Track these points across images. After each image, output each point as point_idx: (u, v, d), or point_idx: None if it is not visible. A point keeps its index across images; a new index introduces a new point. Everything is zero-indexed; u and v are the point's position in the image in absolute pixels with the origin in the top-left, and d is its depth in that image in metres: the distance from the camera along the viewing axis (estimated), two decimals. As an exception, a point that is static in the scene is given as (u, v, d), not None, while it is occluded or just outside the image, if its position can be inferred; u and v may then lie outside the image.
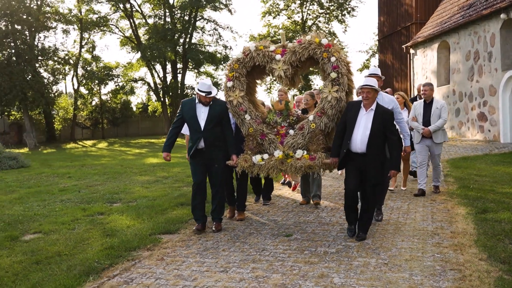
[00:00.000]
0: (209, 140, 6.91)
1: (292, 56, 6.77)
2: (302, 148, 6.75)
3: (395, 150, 6.26)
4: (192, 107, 6.98)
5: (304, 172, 6.75)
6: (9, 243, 6.64)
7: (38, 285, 5.02)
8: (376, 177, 6.29)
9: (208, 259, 5.80)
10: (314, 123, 6.72)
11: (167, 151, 7.14)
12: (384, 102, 6.94)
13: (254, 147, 6.98)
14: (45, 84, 33.71)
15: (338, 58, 6.54)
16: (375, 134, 6.13)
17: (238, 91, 7.06)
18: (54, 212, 8.57)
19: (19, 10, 33.45)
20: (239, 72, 7.06)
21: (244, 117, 7.03)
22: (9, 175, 14.92)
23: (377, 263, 5.49)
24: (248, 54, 7.03)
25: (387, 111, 6.29)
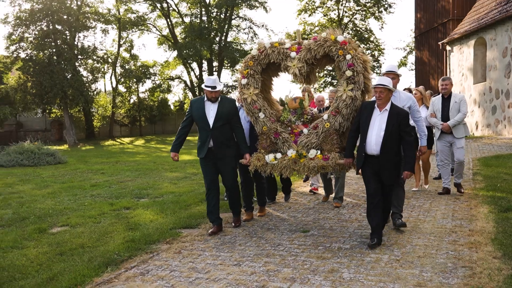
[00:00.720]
0: (218, 138, 6.78)
1: (307, 54, 6.60)
2: (316, 148, 6.61)
3: (410, 151, 6.06)
4: (201, 105, 6.86)
5: (317, 172, 6.60)
6: (37, 235, 6.93)
7: (59, 275, 5.26)
8: (391, 178, 6.08)
9: (223, 253, 5.95)
10: (328, 122, 6.56)
11: (175, 151, 7.02)
12: (401, 100, 6.81)
13: (267, 145, 6.88)
14: (84, 83, 34.48)
15: (354, 56, 6.34)
16: (390, 136, 5.95)
17: (252, 88, 6.96)
18: (83, 207, 8.87)
19: (60, 11, 34.30)
20: (254, 69, 6.96)
21: (258, 115, 6.92)
22: (46, 170, 15.42)
23: (389, 260, 5.53)
24: (263, 51, 6.91)
25: (401, 112, 6.07)
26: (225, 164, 6.88)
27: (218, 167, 6.92)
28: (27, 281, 5.12)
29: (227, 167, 6.90)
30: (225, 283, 4.92)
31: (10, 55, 34.02)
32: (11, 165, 16.94)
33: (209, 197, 6.95)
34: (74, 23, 34.51)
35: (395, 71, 6.90)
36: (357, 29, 46.30)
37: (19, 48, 33.88)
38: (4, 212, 8.46)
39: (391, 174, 6.07)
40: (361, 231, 6.77)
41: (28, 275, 5.32)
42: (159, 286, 4.89)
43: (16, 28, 33.43)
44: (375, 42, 46.66)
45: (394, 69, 6.94)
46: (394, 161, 6.05)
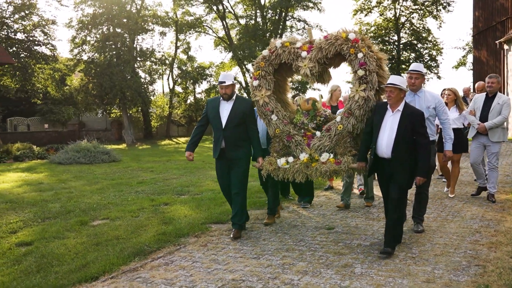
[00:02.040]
0: (231, 139, 6.63)
1: (318, 53, 6.31)
2: (329, 151, 6.36)
3: (423, 154, 5.67)
4: (216, 104, 6.74)
5: (329, 177, 6.35)
6: (79, 227, 7.42)
7: (91, 263, 5.68)
8: (402, 180, 5.72)
9: (246, 247, 6.23)
10: (341, 124, 6.28)
11: (190, 150, 6.91)
12: (426, 100, 6.57)
13: (280, 149, 6.68)
14: (142, 84, 35.55)
15: (366, 54, 6.00)
16: (402, 138, 5.64)
17: (264, 90, 6.76)
18: (125, 202, 9.36)
19: (120, 15, 35.52)
20: (265, 70, 6.76)
21: (271, 117, 6.71)
22: (99, 168, 16.15)
23: (404, 257, 5.65)
24: (274, 51, 6.70)
25: (416, 112, 5.74)
26: (236, 166, 6.70)
27: (230, 169, 6.78)
28: (61, 268, 5.56)
29: (237, 169, 6.69)
30: (241, 274, 5.20)
31: (73, 58, 35.53)
32: (68, 162, 17.82)
33: (227, 197, 6.99)
34: (133, 26, 35.63)
35: (419, 71, 6.64)
36: (415, 28, 45.55)
37: (82, 51, 35.31)
38: (53, 205, 9.05)
39: (403, 178, 5.71)
40: (385, 229, 6.89)
41: (64, 263, 5.76)
42: (179, 275, 5.22)
43: (79, 31, 34.84)
44: (433, 42, 45.75)
45: (418, 68, 6.68)
46: (406, 165, 5.70)
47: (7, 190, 11.00)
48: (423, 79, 6.74)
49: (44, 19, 34.02)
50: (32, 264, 5.76)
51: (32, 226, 7.59)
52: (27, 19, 33.26)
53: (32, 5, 33.01)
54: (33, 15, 33.34)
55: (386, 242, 5.76)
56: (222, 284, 4.91)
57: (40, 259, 5.92)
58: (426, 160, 5.71)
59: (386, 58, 6.25)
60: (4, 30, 32.72)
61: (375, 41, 43.54)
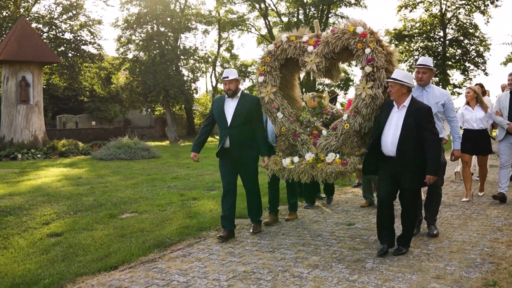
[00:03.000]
0: (236, 138, 6.41)
1: (325, 48, 6.03)
2: (336, 151, 6.08)
3: (432, 152, 5.38)
4: (221, 102, 6.58)
5: (335, 178, 6.06)
6: (107, 220, 7.71)
7: (113, 253, 5.92)
8: (410, 181, 5.50)
9: (264, 241, 6.36)
10: (348, 123, 5.99)
11: (195, 150, 6.72)
12: (434, 96, 6.28)
13: (285, 148, 6.45)
14: (185, 82, 36.09)
15: (374, 49, 5.70)
16: (407, 134, 5.39)
17: (270, 86, 6.50)
18: (156, 196, 9.63)
19: (164, 14, 36.18)
20: (271, 65, 6.51)
21: (276, 115, 6.48)
22: (138, 164, 16.57)
23: (419, 253, 5.67)
24: (280, 45, 6.45)
25: (421, 107, 5.48)
26: (244, 166, 6.55)
27: (238, 169, 6.61)
28: (85, 257, 5.82)
29: (246, 168, 6.57)
30: (253, 266, 5.33)
31: (119, 57, 36.43)
32: (109, 158, 18.34)
33: (224, 200, 6.56)
34: (177, 25, 36.23)
35: (426, 65, 6.30)
36: (461, 24, 44.47)
37: (127, 50, 36.15)
38: (87, 199, 9.40)
39: (410, 177, 5.48)
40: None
41: (88, 253, 6.03)
42: (194, 266, 5.39)
43: (124, 31, 35.69)
44: (480, 37, 44.57)
45: (426, 62, 6.34)
46: (414, 164, 5.44)
47: (47, 184, 11.47)
48: (431, 73, 6.38)
49: (90, 19, 34.95)
50: (59, 253, 6.05)
51: (64, 218, 7.93)
52: (74, 19, 34.25)
53: (79, 5, 33.97)
54: (80, 15, 34.31)
55: (398, 241, 5.75)
56: (232, 276, 5.05)
57: (67, 249, 6.20)
58: (434, 157, 5.41)
59: (397, 53, 6.00)
60: (52, 30, 33.81)
61: (420, 38, 42.82)
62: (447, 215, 7.54)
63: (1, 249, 6.43)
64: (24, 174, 13.75)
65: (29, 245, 6.53)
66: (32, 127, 21.77)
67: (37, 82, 22.10)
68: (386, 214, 5.65)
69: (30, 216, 8.02)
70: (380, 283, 4.76)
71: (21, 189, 10.59)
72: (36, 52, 21.82)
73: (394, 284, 4.71)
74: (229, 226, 6.53)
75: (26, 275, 5.28)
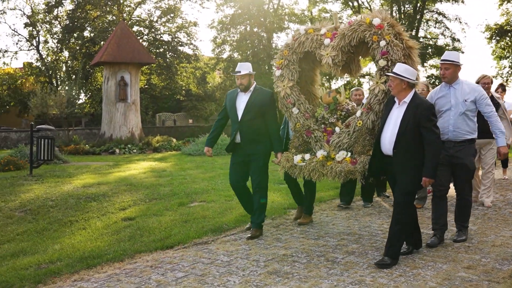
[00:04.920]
0: (247, 133, 6.28)
1: (341, 41, 5.79)
2: (348, 149, 5.86)
3: (430, 152, 5.09)
4: (234, 96, 6.47)
5: (345, 178, 5.74)
6: (177, 207, 8.37)
7: (173, 235, 6.52)
8: (407, 184, 5.16)
9: (312, 229, 6.71)
10: (360, 120, 5.74)
11: (209, 145, 6.67)
12: (462, 93, 5.86)
13: (299, 145, 6.27)
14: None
15: (390, 42, 5.43)
16: (405, 132, 5.09)
17: (287, 80, 6.32)
18: (227, 188, 10.13)
19: (258, 15, 37.09)
20: (289, 59, 6.32)
21: (292, 110, 6.29)
22: (222, 159, 17.26)
23: (460, 246, 5.79)
24: (297, 38, 6.26)
25: (422, 104, 5.16)
26: (254, 161, 6.37)
27: (247, 165, 6.47)
28: (148, 238, 6.48)
29: (254, 164, 6.37)
30: (293, 250, 5.72)
31: (214, 57, 37.81)
32: (197, 154, 19.26)
33: (239, 198, 6.73)
34: (270, 25, 36.98)
35: (451, 60, 5.89)
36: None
37: (222, 50, 37.45)
38: (164, 189, 10.15)
39: (406, 180, 5.16)
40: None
41: (152, 234, 6.68)
42: (240, 249, 5.86)
43: (219, 32, 37.00)
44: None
45: (451, 57, 5.91)
46: (411, 165, 5.13)
47: (132, 176, 12.44)
48: (456, 69, 5.91)
49: (187, 21, 36.58)
50: (127, 234, 6.76)
51: (140, 205, 8.70)
52: (172, 22, 36.02)
53: (176, 8, 35.69)
54: (177, 18, 36.01)
55: (385, 251, 5.27)
56: (272, 258, 5.47)
57: (135, 231, 6.90)
58: (432, 159, 5.09)
59: (417, 47, 5.65)
60: (152, 33, 35.75)
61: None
62: (506, 212, 7.48)
63: (81, 229, 7.26)
64: (116, 166, 14.90)
65: (104, 226, 7.31)
66: (129, 124, 23.29)
67: (134, 82, 23.59)
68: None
69: (110, 202, 8.87)
70: (408, 269, 4.99)
71: (109, 179, 11.59)
72: (134, 54, 23.32)
73: (421, 271, 4.92)
74: None
75: (95, 250, 6.00)
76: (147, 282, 4.84)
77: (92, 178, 11.80)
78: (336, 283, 4.65)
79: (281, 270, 5.05)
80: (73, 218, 7.91)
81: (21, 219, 8.05)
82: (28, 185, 10.70)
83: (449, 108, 5.87)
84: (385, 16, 5.68)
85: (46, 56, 37.60)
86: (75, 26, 35.31)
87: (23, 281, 4.99)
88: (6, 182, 11.07)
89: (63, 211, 8.39)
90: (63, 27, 35.82)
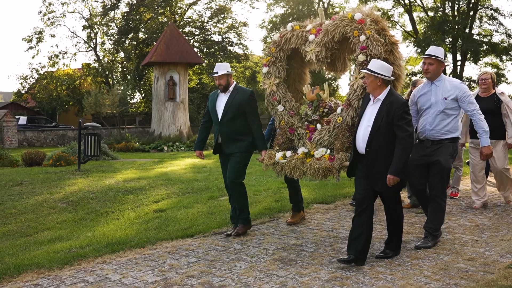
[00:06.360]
0: (227, 133, 6.30)
1: (324, 37, 5.71)
2: (329, 146, 5.77)
3: (398, 150, 4.95)
4: (214, 97, 6.46)
5: (323, 175, 5.68)
6: (206, 200, 8.78)
7: (196, 225, 6.92)
8: (381, 185, 5.08)
9: (329, 223, 6.98)
10: (341, 116, 5.65)
11: (198, 148, 6.73)
12: (443, 91, 5.69)
13: (283, 142, 6.23)
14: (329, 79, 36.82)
15: (370, 37, 5.34)
16: (378, 130, 5.00)
17: (273, 77, 6.28)
18: (259, 183, 10.55)
19: (308, 14, 37.26)
20: (276, 56, 6.28)
21: (277, 108, 6.29)
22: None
23: (468, 240, 5.91)
24: (284, 35, 6.22)
25: (396, 101, 5.01)
26: (232, 159, 6.33)
27: None
28: (173, 228, 6.91)
29: (233, 162, 6.31)
30: (303, 241, 6.02)
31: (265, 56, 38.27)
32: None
33: (230, 200, 6.66)
34: (320, 24, 37.08)
35: (434, 56, 5.71)
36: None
37: (272, 49, 37.86)
38: (198, 183, 10.58)
39: (382, 179, 5.06)
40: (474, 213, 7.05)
41: (177, 224, 7.11)
42: (255, 238, 6.21)
43: (270, 31, 37.44)
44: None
45: (434, 53, 5.73)
46: (385, 164, 5.02)
47: (173, 171, 12.97)
48: (440, 65, 5.74)
49: (237, 21, 37.17)
50: (155, 224, 7.22)
51: (172, 198, 9.17)
52: (222, 23, 36.70)
53: (227, 9, 36.34)
54: (227, 18, 36.66)
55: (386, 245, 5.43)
56: (281, 247, 5.79)
57: (162, 221, 7.35)
58: (400, 157, 4.95)
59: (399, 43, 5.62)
60: (203, 33, 36.56)
61: None
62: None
63: (114, 219, 7.80)
64: (160, 163, 15.50)
65: (136, 217, 7.82)
66: (177, 122, 24.03)
67: (183, 81, 24.32)
68: (363, 215, 5.16)
69: (145, 195, 9.39)
70: (408, 260, 5.20)
71: (149, 175, 12.16)
72: (182, 54, 24.04)
73: (420, 262, 5.12)
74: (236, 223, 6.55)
75: (122, 238, 6.48)
76: (161, 265, 5.26)
77: (134, 173, 12.40)
78: (335, 270, 4.92)
79: (287, 258, 5.37)
80: (109, 209, 8.47)
81: (62, 209, 8.68)
82: (74, 179, 11.39)
83: (429, 106, 5.74)
84: (369, 12, 5.67)
85: (103, 57, 39.09)
86: (130, 28, 36.56)
87: (52, 262, 5.49)
88: (55, 176, 11.81)
89: (101, 202, 8.97)
90: (119, 29, 37.14)
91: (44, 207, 8.84)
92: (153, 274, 4.98)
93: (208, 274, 4.95)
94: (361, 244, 5.05)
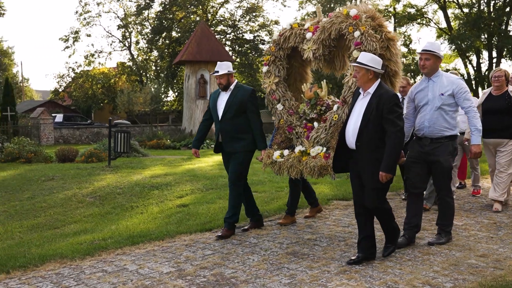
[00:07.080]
0: (227, 131, 6.28)
1: (321, 34, 5.71)
2: (325, 144, 5.79)
3: (389, 145, 4.83)
4: (216, 96, 6.43)
5: (319, 174, 5.73)
6: (224, 197, 8.96)
7: (215, 220, 7.07)
8: (373, 180, 4.92)
9: (347, 219, 7.04)
10: (337, 114, 5.69)
11: (195, 147, 6.69)
12: (440, 86, 5.56)
13: (281, 141, 6.30)
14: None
15: (365, 33, 5.31)
16: (367, 125, 4.88)
17: (273, 76, 6.33)
18: (283, 180, 10.58)
19: (340, 11, 37.17)
20: (276, 55, 6.31)
21: (276, 106, 6.33)
22: (292, 154, 17.81)
23: (483, 237, 5.92)
24: (283, 34, 6.25)
25: (385, 94, 4.88)
26: (233, 159, 6.33)
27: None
28: (194, 222, 7.09)
29: (232, 162, 6.32)
30: (318, 236, 6.12)
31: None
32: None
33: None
34: (352, 22, 36.91)
35: (430, 50, 5.56)
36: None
37: (304, 47, 37.92)
38: (224, 179, 10.58)
39: (372, 176, 4.92)
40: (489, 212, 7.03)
41: (198, 219, 7.29)
42: (271, 233, 6.34)
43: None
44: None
45: (431, 47, 5.59)
46: (375, 159, 4.90)
47: (199, 168, 13.20)
48: (436, 60, 5.61)
49: (268, 19, 37.32)
50: (176, 218, 7.42)
51: (196, 193, 9.37)
52: (254, 21, 36.89)
53: (258, 7, 36.51)
54: (259, 17, 36.84)
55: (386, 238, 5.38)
56: (295, 241, 5.91)
57: (184, 216, 7.55)
58: (390, 152, 4.82)
59: (398, 40, 5.58)
60: (234, 32, 36.82)
61: None
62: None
63: (139, 213, 8.05)
64: (189, 160, 15.77)
65: (159, 211, 8.04)
66: (208, 120, 24.31)
67: (213, 80, 24.57)
68: (362, 214, 5.19)
69: (170, 191, 9.62)
70: (419, 255, 5.25)
71: (176, 171, 12.41)
72: (213, 53, 24.34)
73: (431, 257, 5.17)
74: (253, 217, 6.65)
75: (143, 231, 6.69)
76: (177, 257, 5.44)
77: (161, 170, 12.68)
78: (344, 264, 5.02)
79: (299, 252, 5.49)
80: (134, 204, 8.73)
81: (90, 203, 8.99)
82: (103, 174, 11.73)
83: (426, 102, 5.62)
84: (366, 9, 5.62)
85: (137, 56, 39.76)
86: (163, 27, 37.09)
87: (74, 253, 5.73)
88: (85, 172, 12.18)
89: (127, 197, 9.24)
90: (152, 28, 37.71)
91: (73, 201, 9.16)
92: (169, 265, 5.17)
93: (221, 266, 5.11)
94: (368, 245, 5.15)
